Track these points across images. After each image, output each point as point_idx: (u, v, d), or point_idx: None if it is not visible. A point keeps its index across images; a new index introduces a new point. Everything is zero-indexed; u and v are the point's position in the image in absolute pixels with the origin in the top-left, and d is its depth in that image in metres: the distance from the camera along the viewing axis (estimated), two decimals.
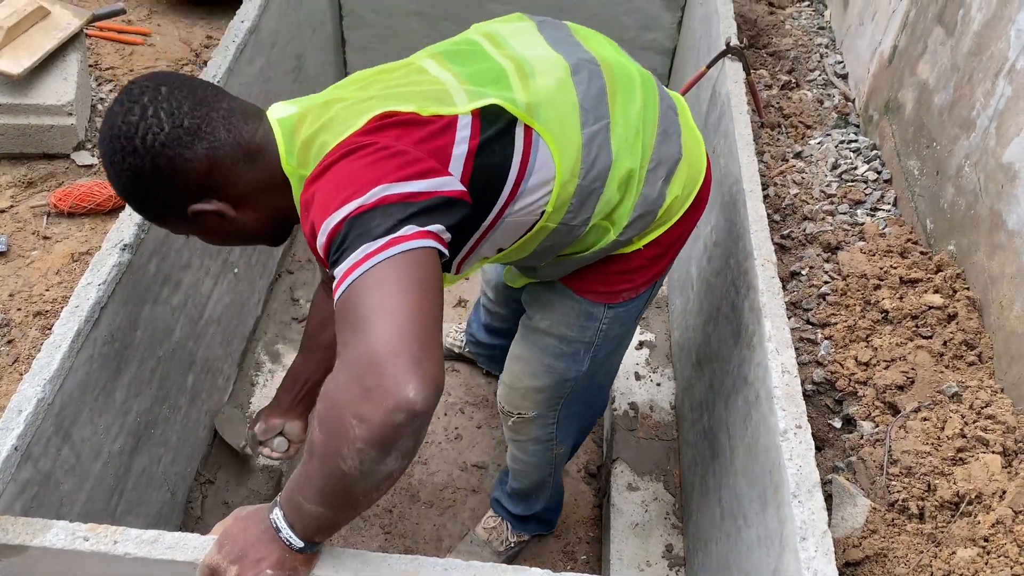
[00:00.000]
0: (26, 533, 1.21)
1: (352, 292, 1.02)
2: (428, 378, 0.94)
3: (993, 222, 1.80)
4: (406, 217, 1.06)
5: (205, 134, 1.19)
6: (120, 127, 1.18)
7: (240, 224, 1.27)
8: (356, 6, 3.23)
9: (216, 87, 1.26)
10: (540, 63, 1.36)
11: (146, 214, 1.29)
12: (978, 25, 2.01)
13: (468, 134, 1.23)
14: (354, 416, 0.94)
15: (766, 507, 1.46)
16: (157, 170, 1.18)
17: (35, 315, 1.83)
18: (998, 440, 1.53)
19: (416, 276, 1.02)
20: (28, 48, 2.20)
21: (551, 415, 1.80)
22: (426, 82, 1.30)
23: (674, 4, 3.09)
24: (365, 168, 1.11)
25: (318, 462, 1.00)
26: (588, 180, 1.35)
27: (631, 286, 1.57)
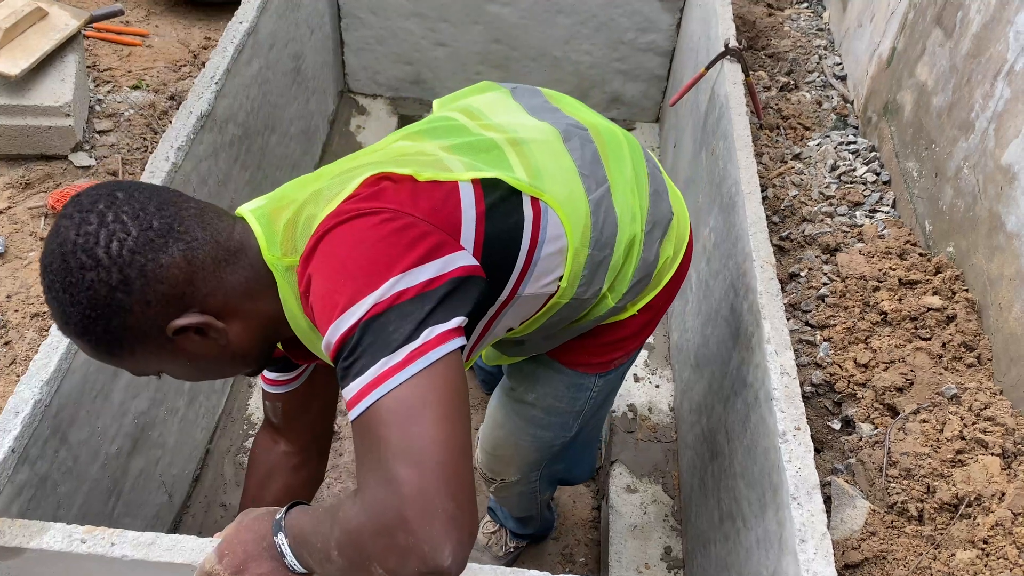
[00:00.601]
0: (23, 535, 1.21)
1: (372, 419, 0.91)
2: (464, 540, 0.87)
3: (992, 224, 1.80)
4: (425, 317, 0.94)
5: (179, 234, 1.01)
6: (74, 240, 0.97)
7: (227, 341, 1.08)
8: (354, 8, 3.23)
9: (180, 191, 1.09)
10: (528, 133, 1.28)
11: (108, 347, 1.04)
12: (977, 27, 2.01)
13: (473, 200, 1.12)
14: (382, 567, 0.88)
15: (765, 509, 1.46)
16: (127, 283, 0.98)
17: (32, 316, 1.83)
18: (997, 442, 1.52)
19: (441, 399, 0.91)
20: (25, 49, 2.20)
21: (534, 475, 1.77)
22: (415, 152, 1.19)
23: (673, 6, 3.10)
24: (371, 247, 0.99)
25: (337, 572, 0.94)
26: (599, 248, 1.27)
27: (623, 353, 1.50)
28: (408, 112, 3.48)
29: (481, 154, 1.21)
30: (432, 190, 1.09)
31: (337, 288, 0.96)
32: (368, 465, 0.91)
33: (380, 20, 3.26)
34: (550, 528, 2.22)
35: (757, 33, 3.14)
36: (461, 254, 1.04)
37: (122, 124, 2.36)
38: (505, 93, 1.42)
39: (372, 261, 0.97)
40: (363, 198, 1.05)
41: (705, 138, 2.39)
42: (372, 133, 3.36)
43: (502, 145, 1.24)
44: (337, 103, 3.41)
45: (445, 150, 1.20)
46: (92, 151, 2.27)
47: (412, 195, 1.07)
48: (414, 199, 1.07)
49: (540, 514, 2.05)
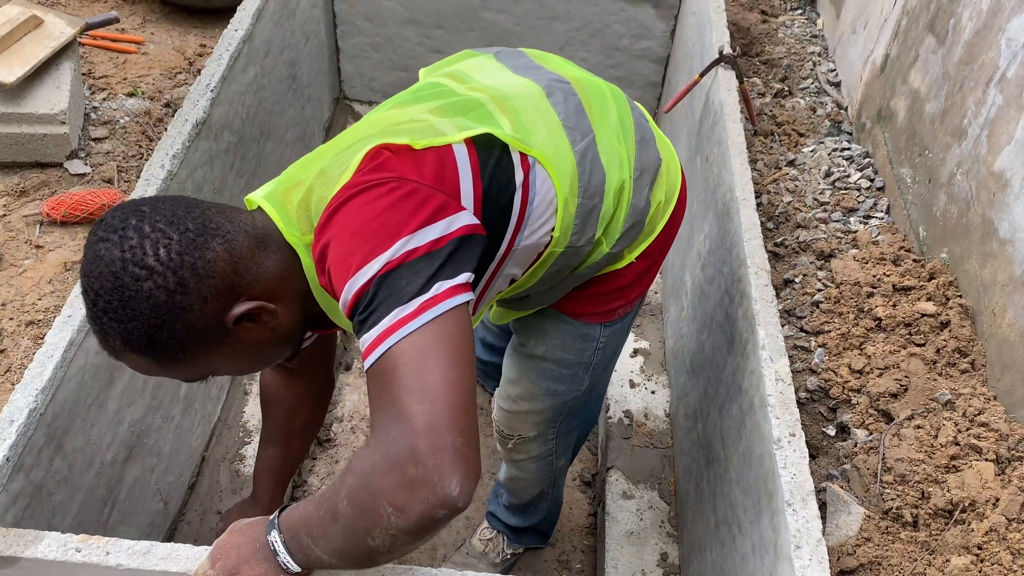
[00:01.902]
0: (18, 544, 1.21)
1: (386, 364, 0.97)
2: (471, 473, 0.93)
3: (985, 230, 1.81)
4: (435, 272, 1.01)
5: (214, 230, 1.07)
6: (121, 257, 1.01)
7: (277, 323, 1.15)
8: (350, 15, 3.24)
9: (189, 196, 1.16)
10: (512, 91, 1.34)
11: (173, 353, 1.08)
12: (969, 34, 2.02)
13: (468, 161, 1.19)
14: (391, 504, 0.92)
15: (760, 515, 1.46)
16: (183, 284, 1.03)
17: (27, 324, 1.83)
18: (991, 448, 1.53)
19: (451, 346, 0.98)
20: (21, 57, 2.19)
21: (551, 432, 1.79)
22: (405, 121, 1.24)
23: (667, 13, 3.11)
24: (382, 214, 1.05)
25: (342, 531, 0.97)
26: (587, 197, 1.33)
27: (625, 301, 1.56)
28: None
29: (469, 112, 1.27)
30: (429, 156, 1.16)
31: (351, 251, 1.03)
32: (382, 406, 0.97)
33: (375, 27, 3.27)
34: (553, 522, 2.20)
35: (751, 40, 3.15)
36: (464, 214, 1.10)
37: (117, 131, 2.36)
38: (489, 57, 1.48)
39: (383, 225, 1.04)
40: (367, 171, 1.12)
41: (700, 144, 2.40)
42: None
43: (487, 103, 1.29)
44: (332, 110, 3.41)
45: (433, 113, 1.26)
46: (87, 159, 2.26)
47: (412, 163, 1.14)
48: (415, 166, 1.13)
49: (551, 492, 2.03)
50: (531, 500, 2.04)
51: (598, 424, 2.52)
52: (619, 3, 3.09)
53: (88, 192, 2.11)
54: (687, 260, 2.36)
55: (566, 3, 3.12)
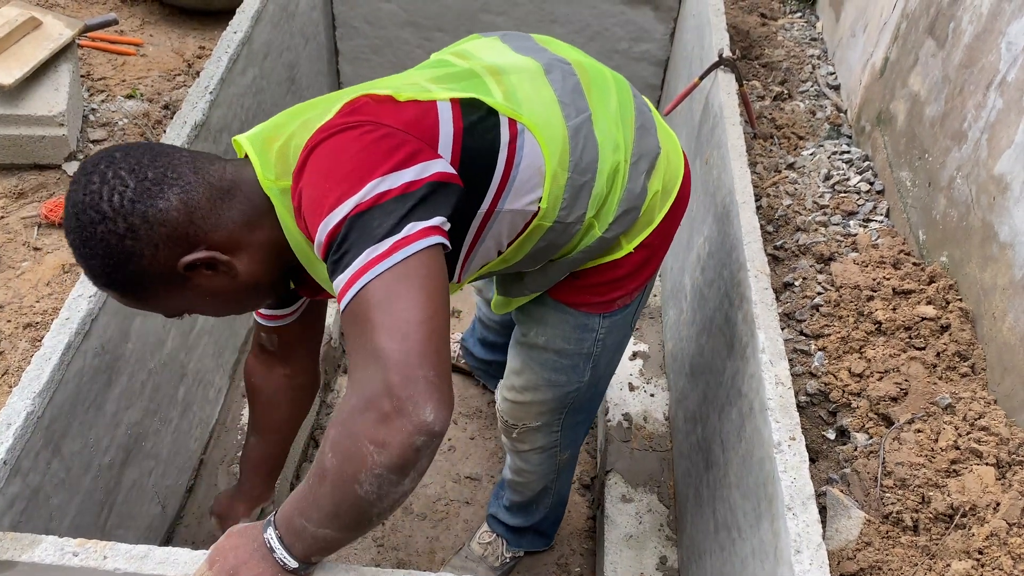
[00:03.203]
0: (15, 548, 1.20)
1: (359, 304, 0.99)
2: (444, 400, 0.95)
3: (985, 234, 1.81)
4: (407, 213, 1.03)
5: (173, 180, 1.11)
6: (83, 199, 1.09)
7: (237, 272, 1.18)
8: (349, 17, 3.23)
9: (172, 144, 1.20)
10: (510, 66, 1.36)
11: (132, 292, 1.15)
12: (969, 38, 2.02)
13: (451, 118, 1.20)
14: (372, 441, 0.94)
15: (760, 519, 1.46)
16: (133, 230, 1.09)
17: (25, 327, 1.82)
18: (992, 452, 1.53)
19: (424, 284, 1.00)
20: (19, 59, 2.19)
21: (555, 424, 1.80)
22: (397, 79, 1.29)
23: (666, 16, 3.10)
24: (355, 155, 1.07)
25: (331, 487, 0.98)
26: (578, 172, 1.34)
27: (624, 292, 1.56)
28: None
29: (462, 81, 1.29)
30: (410, 107, 1.18)
31: (324, 194, 1.05)
32: (356, 347, 0.99)
33: (375, 29, 3.26)
34: (557, 522, 2.20)
35: (751, 43, 3.15)
36: (439, 161, 1.12)
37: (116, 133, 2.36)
38: (495, 39, 1.50)
39: (355, 167, 1.06)
40: (344, 114, 1.15)
41: (699, 147, 2.39)
42: None
43: (482, 74, 1.32)
44: None
45: (428, 79, 1.29)
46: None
47: (391, 110, 1.16)
48: (393, 114, 1.16)
49: (554, 487, 2.03)
50: (534, 496, 2.03)
51: (597, 427, 2.52)
52: (618, 6, 3.09)
53: None
54: (686, 263, 2.36)
55: (565, 6, 3.12)
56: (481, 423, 2.51)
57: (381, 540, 2.20)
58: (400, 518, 2.26)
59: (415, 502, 2.30)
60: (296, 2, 2.81)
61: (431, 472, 2.37)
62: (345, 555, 2.15)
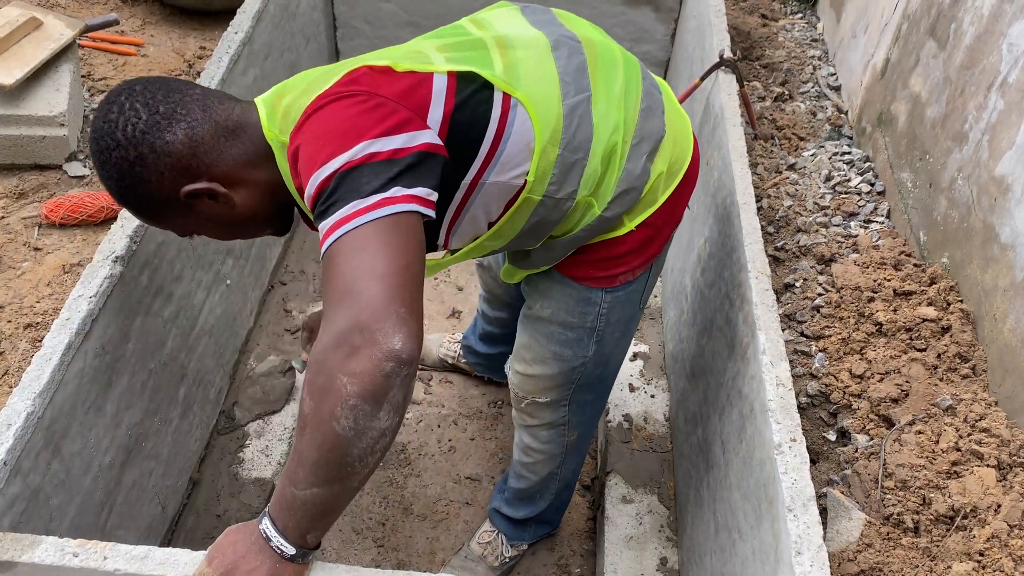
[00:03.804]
0: (15, 549, 1.20)
1: (340, 249, 1.05)
2: (413, 333, 1.00)
3: (986, 235, 1.81)
4: (394, 176, 1.10)
5: (181, 116, 1.22)
6: (102, 127, 1.22)
7: (236, 205, 1.28)
8: (350, 17, 3.23)
9: (190, 81, 1.30)
10: (520, 39, 1.39)
11: (144, 212, 1.29)
12: (970, 39, 2.02)
13: (444, 90, 1.25)
14: (344, 373, 0.97)
15: (761, 521, 1.46)
16: (141, 159, 1.21)
17: (25, 327, 1.82)
18: (992, 453, 1.52)
19: (402, 240, 1.05)
20: (20, 59, 2.19)
21: (564, 399, 1.81)
22: (403, 48, 1.35)
23: (667, 16, 3.10)
24: (348, 120, 1.15)
25: (310, 433, 1.01)
26: (570, 150, 1.36)
27: (627, 268, 1.58)
28: None
29: (467, 51, 1.34)
30: (406, 78, 1.24)
31: (317, 150, 1.13)
32: (332, 287, 1.04)
33: (375, 30, 3.26)
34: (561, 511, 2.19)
35: (752, 44, 3.15)
36: (427, 132, 1.19)
37: None
38: (515, 8, 1.53)
39: (347, 130, 1.14)
40: (343, 84, 1.22)
41: (700, 148, 2.39)
42: None
43: (489, 45, 1.36)
44: None
45: (436, 47, 1.34)
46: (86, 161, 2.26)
47: (386, 81, 1.22)
48: (388, 84, 1.22)
49: (560, 472, 2.03)
50: (539, 483, 2.03)
51: (597, 428, 2.51)
52: (619, 7, 3.09)
53: (87, 194, 2.10)
54: (687, 264, 2.36)
55: (566, 7, 3.11)
56: (481, 424, 2.51)
57: (381, 541, 2.20)
58: (400, 519, 2.26)
59: (415, 503, 2.30)
60: (297, 2, 2.81)
61: (431, 472, 2.37)
62: (345, 556, 2.15)
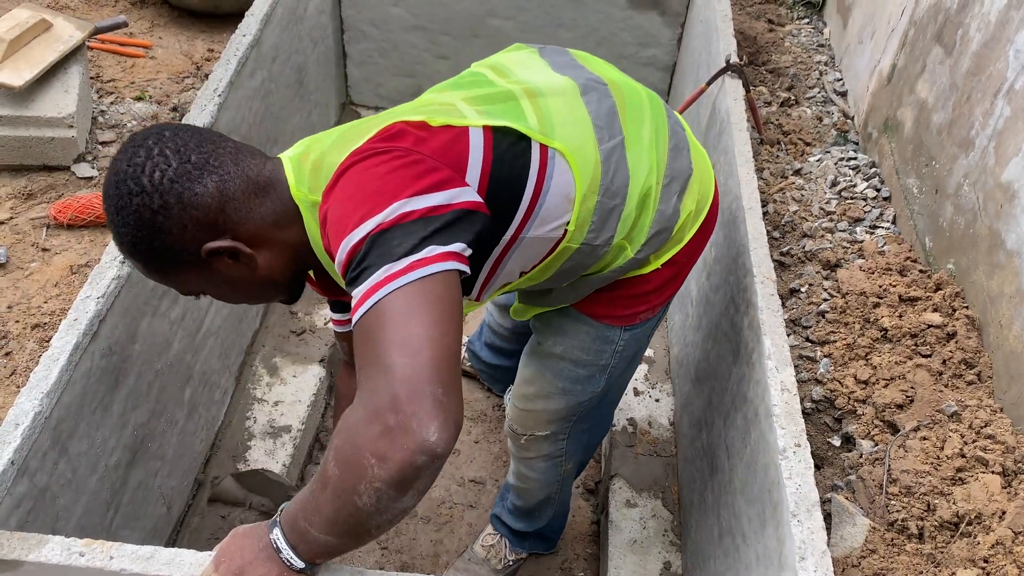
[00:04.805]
0: (22, 548, 1.21)
1: (372, 318, 1.00)
2: (450, 421, 0.94)
3: (992, 241, 1.81)
4: (428, 235, 1.04)
5: (214, 168, 1.16)
6: (125, 170, 1.14)
7: (256, 266, 1.21)
8: (357, 20, 3.24)
9: (222, 133, 1.24)
10: (547, 86, 1.35)
11: (153, 265, 1.20)
12: (977, 45, 2.02)
13: (481, 145, 1.21)
14: (373, 455, 0.93)
15: (765, 525, 1.46)
16: (166, 209, 1.13)
17: (33, 327, 1.83)
18: (998, 460, 1.52)
19: (438, 305, 1.00)
20: (30, 61, 2.20)
21: (562, 432, 1.79)
22: (434, 102, 1.30)
23: (674, 21, 3.11)
24: (382, 178, 1.09)
25: (331, 495, 0.98)
26: (608, 196, 1.33)
27: (648, 307, 1.55)
28: None
29: (497, 104, 1.29)
30: (443, 133, 1.19)
31: (349, 213, 1.07)
32: (367, 361, 0.99)
33: (382, 33, 3.27)
34: (559, 529, 2.20)
35: (758, 49, 3.15)
36: (466, 190, 1.13)
37: (125, 135, 2.37)
38: (533, 52, 1.49)
39: (380, 190, 1.08)
40: (378, 139, 1.17)
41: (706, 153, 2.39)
42: None
43: (519, 96, 1.31)
44: (339, 115, 3.41)
45: (465, 100, 1.29)
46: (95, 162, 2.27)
47: (424, 137, 1.17)
48: (425, 140, 1.17)
49: (558, 496, 2.03)
50: (537, 504, 2.03)
51: None
52: (626, 11, 3.10)
53: (95, 195, 2.11)
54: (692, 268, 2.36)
55: (573, 10, 3.12)
56: (486, 427, 2.51)
57: (385, 543, 2.20)
58: (404, 521, 2.26)
59: (419, 505, 2.30)
60: (305, 6, 2.82)
61: None
62: (349, 558, 2.15)
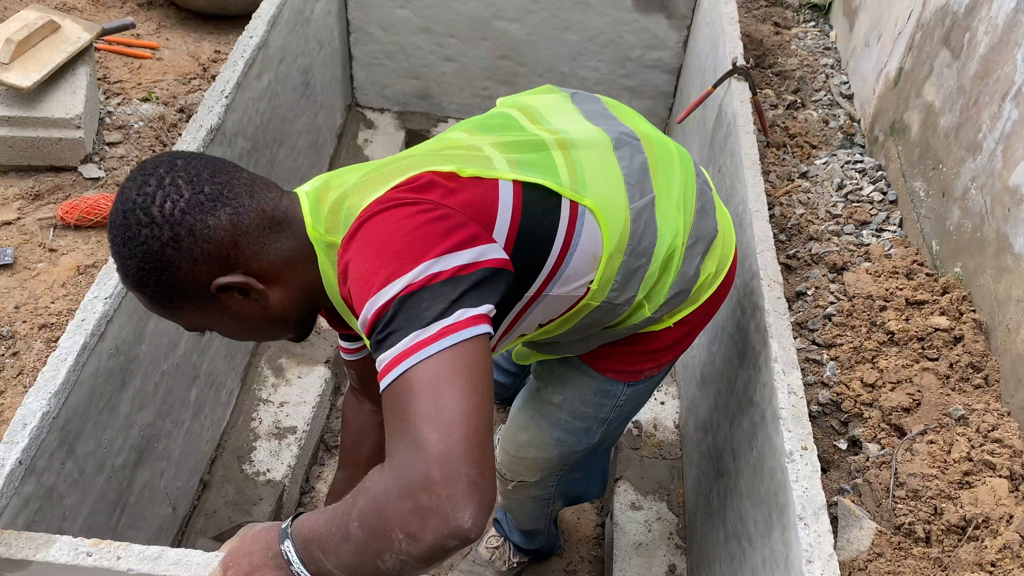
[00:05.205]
0: (29, 548, 1.21)
1: (402, 387, 0.96)
2: (485, 503, 0.91)
3: (999, 245, 1.80)
4: (457, 298, 1.00)
5: (228, 200, 1.10)
6: (134, 199, 1.08)
7: (267, 303, 1.16)
8: (364, 23, 3.25)
9: (235, 163, 1.19)
10: (581, 138, 1.31)
11: (158, 299, 1.14)
12: (984, 48, 2.01)
13: (511, 199, 1.17)
14: (403, 531, 0.91)
15: (771, 529, 1.46)
16: (177, 241, 1.08)
17: (40, 328, 1.83)
18: (1005, 464, 1.52)
19: (470, 375, 0.96)
20: (38, 62, 2.21)
21: (552, 479, 1.77)
22: (463, 147, 1.25)
23: (680, 24, 3.11)
24: (409, 234, 1.04)
25: (353, 551, 0.96)
26: (635, 256, 1.30)
27: (654, 364, 1.53)
28: (416, 126, 3.49)
29: (529, 153, 1.25)
30: (473, 185, 1.15)
31: (374, 270, 1.03)
32: (397, 431, 0.95)
33: (389, 35, 3.28)
34: (555, 547, 2.22)
35: (764, 51, 3.15)
36: (493, 247, 1.09)
37: (132, 136, 2.37)
38: (565, 97, 1.46)
39: (408, 246, 1.03)
40: (403, 189, 1.12)
41: (712, 156, 2.39)
42: (379, 147, 3.37)
43: (550, 146, 1.27)
44: (345, 117, 3.42)
45: (495, 147, 1.25)
46: (102, 163, 2.27)
47: (452, 189, 1.13)
48: (453, 192, 1.12)
49: (547, 529, 2.04)
50: (528, 531, 2.06)
51: None
52: (632, 14, 3.10)
53: (102, 196, 2.12)
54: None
55: (579, 13, 3.13)
56: None
57: None
58: None
59: None
60: (311, 7, 2.82)
61: None
62: None
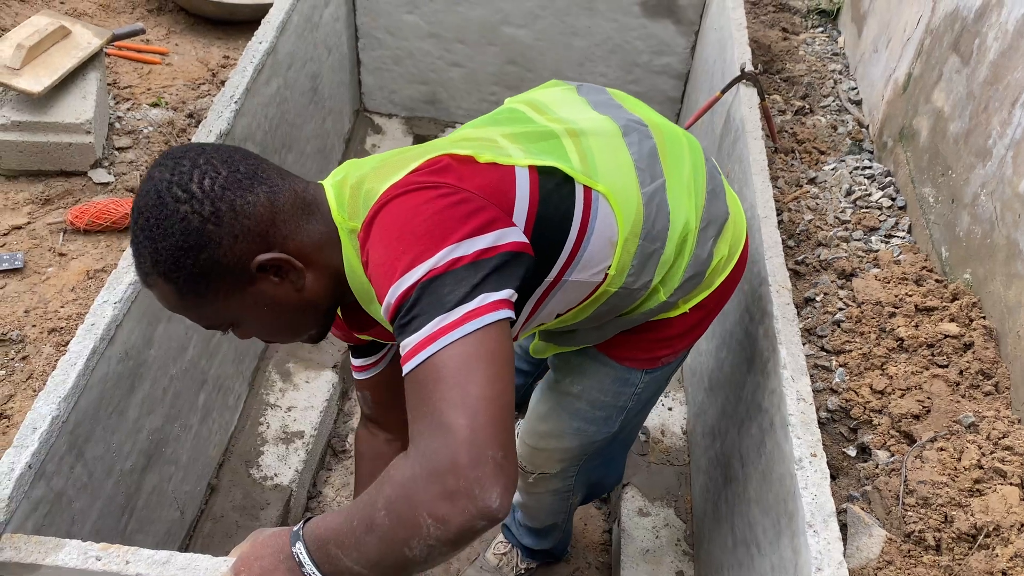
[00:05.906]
0: (38, 552, 1.22)
1: (427, 372, 0.97)
2: (510, 484, 0.93)
3: (1010, 251, 1.79)
4: (479, 283, 1.00)
5: (263, 178, 1.11)
6: (169, 178, 1.07)
7: (304, 287, 1.16)
8: (372, 28, 3.26)
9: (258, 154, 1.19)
10: (589, 126, 1.32)
11: (194, 283, 1.10)
12: (994, 54, 2.01)
13: (527, 186, 1.18)
14: (431, 515, 0.92)
15: (780, 536, 1.45)
16: (218, 216, 1.06)
17: (50, 332, 1.84)
18: (1016, 471, 1.51)
19: (493, 361, 0.97)
20: (48, 67, 2.22)
21: (572, 470, 1.77)
22: (476, 137, 1.26)
23: (688, 29, 3.11)
24: (429, 219, 1.05)
25: (378, 540, 0.96)
26: (649, 240, 1.31)
27: (671, 351, 1.53)
28: (423, 131, 3.49)
29: (540, 142, 1.26)
30: (490, 171, 1.15)
31: (396, 255, 1.03)
32: (421, 416, 0.96)
33: (397, 40, 3.29)
34: (565, 547, 2.20)
35: (772, 57, 3.15)
36: (513, 230, 1.09)
37: (141, 141, 2.38)
38: (571, 89, 1.47)
39: (429, 231, 1.03)
40: (422, 173, 1.12)
41: (720, 161, 2.39)
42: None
43: (560, 135, 1.28)
44: (353, 122, 3.43)
45: (506, 137, 1.26)
46: (111, 168, 2.28)
47: (470, 173, 1.13)
48: (472, 177, 1.13)
49: (564, 524, 2.02)
50: (544, 528, 2.04)
51: None
52: (639, 19, 3.10)
53: (111, 201, 2.12)
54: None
55: (587, 19, 3.13)
56: None
57: None
58: None
59: None
60: (320, 13, 2.83)
61: None
62: None
